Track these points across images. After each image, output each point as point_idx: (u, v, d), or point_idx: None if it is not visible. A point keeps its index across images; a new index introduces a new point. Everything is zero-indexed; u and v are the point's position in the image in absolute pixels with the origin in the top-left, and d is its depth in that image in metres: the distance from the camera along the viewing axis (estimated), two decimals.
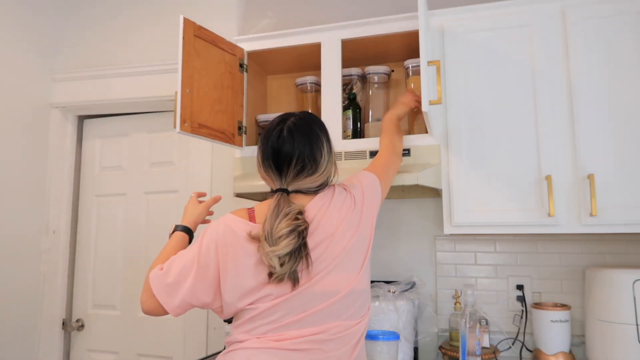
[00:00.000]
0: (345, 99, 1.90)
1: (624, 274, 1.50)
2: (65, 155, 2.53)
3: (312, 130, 1.19)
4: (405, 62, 1.84)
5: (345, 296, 1.12)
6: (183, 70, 1.57)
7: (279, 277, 1.07)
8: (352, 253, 1.15)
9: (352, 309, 1.14)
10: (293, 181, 1.16)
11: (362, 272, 1.16)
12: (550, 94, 1.57)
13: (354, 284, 1.14)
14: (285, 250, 1.06)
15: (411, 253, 1.98)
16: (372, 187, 1.28)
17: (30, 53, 2.40)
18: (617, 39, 1.53)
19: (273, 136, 1.18)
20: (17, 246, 2.28)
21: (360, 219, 1.19)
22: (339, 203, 1.18)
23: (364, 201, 1.23)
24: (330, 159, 1.20)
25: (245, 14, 2.32)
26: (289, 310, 1.09)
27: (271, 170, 1.18)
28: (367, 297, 1.20)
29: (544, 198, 1.53)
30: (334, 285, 1.11)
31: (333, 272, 1.12)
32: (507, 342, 1.81)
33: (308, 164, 1.16)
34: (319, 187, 1.19)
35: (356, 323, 1.15)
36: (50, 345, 2.40)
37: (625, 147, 1.49)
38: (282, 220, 1.08)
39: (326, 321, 1.11)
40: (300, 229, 1.08)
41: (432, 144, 1.65)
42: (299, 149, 1.15)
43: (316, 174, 1.17)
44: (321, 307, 1.10)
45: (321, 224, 1.13)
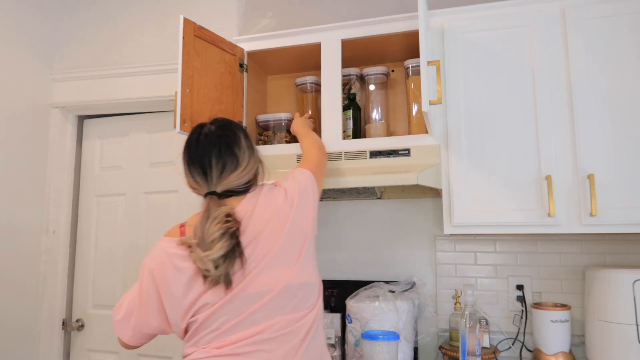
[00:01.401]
0: (344, 99, 1.91)
1: (624, 274, 1.50)
2: (65, 155, 2.53)
3: (228, 128, 1.24)
4: (405, 62, 1.84)
5: (281, 292, 1.13)
6: (183, 70, 1.57)
7: (213, 280, 1.09)
8: (285, 248, 1.15)
9: (292, 303, 1.14)
10: (219, 181, 1.19)
11: (297, 266, 1.16)
12: (550, 94, 1.57)
13: (290, 278, 1.14)
14: (220, 253, 1.08)
15: (411, 253, 1.98)
16: (306, 180, 1.30)
17: (30, 53, 2.40)
18: (617, 39, 1.53)
19: (192, 144, 1.23)
20: (17, 246, 2.28)
21: (291, 212, 1.19)
22: (267, 199, 1.20)
23: (297, 194, 1.23)
24: (252, 155, 1.24)
25: (245, 14, 2.32)
26: (227, 315, 1.11)
27: (197, 175, 1.21)
28: (311, 290, 1.18)
29: (544, 198, 1.53)
30: (267, 283, 1.12)
31: (266, 270, 1.13)
32: (507, 342, 1.81)
33: (228, 159, 1.19)
34: (248, 184, 1.22)
35: (301, 317, 1.15)
36: (50, 345, 2.40)
37: (625, 147, 1.49)
38: (212, 224, 1.10)
39: (266, 319, 1.11)
40: (232, 231, 1.11)
41: (432, 144, 1.65)
42: (216, 149, 1.20)
43: (239, 168, 1.20)
44: (257, 306, 1.11)
45: (251, 223, 1.15)
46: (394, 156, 1.67)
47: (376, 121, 1.90)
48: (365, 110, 1.95)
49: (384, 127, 1.89)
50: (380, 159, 1.68)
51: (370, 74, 1.92)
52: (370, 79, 1.93)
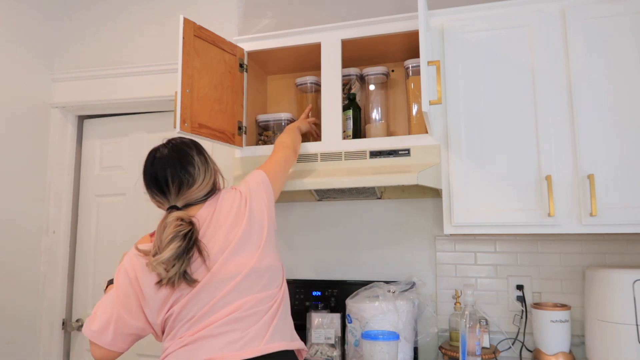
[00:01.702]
0: (344, 99, 1.91)
1: (624, 274, 1.50)
2: (65, 155, 2.53)
3: (180, 149, 1.31)
4: (405, 62, 1.84)
5: (248, 275, 1.20)
6: (183, 70, 1.57)
7: (168, 282, 1.14)
8: (246, 237, 1.24)
9: (261, 283, 1.23)
10: (178, 197, 1.26)
11: (260, 251, 1.25)
12: (550, 94, 1.57)
13: (255, 261, 1.22)
14: (168, 255, 1.13)
15: (411, 253, 1.98)
16: (258, 181, 1.39)
17: (31, 53, 2.40)
18: (617, 39, 1.53)
19: (147, 166, 1.30)
20: (17, 246, 2.28)
21: (246, 207, 1.29)
22: (226, 200, 1.29)
23: (249, 192, 1.34)
24: (206, 169, 1.31)
25: (245, 14, 2.32)
26: (200, 303, 1.17)
27: (156, 194, 1.28)
28: (275, 272, 1.28)
29: (544, 198, 1.53)
30: (234, 268, 1.19)
31: (230, 257, 1.20)
32: (507, 342, 1.81)
33: (184, 178, 1.26)
34: (207, 195, 1.30)
35: (270, 294, 1.24)
36: (50, 345, 2.39)
37: (625, 147, 1.49)
38: (167, 229, 1.16)
39: (237, 299, 1.18)
40: (184, 232, 1.16)
41: (432, 144, 1.65)
42: (170, 169, 1.26)
43: (196, 184, 1.28)
44: (228, 288, 1.18)
45: (212, 222, 1.24)
46: (394, 156, 1.67)
47: (376, 121, 1.90)
48: (365, 110, 1.95)
49: (384, 127, 1.89)
50: (380, 159, 1.68)
51: (370, 74, 1.92)
52: (370, 79, 1.93)
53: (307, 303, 1.97)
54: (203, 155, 1.34)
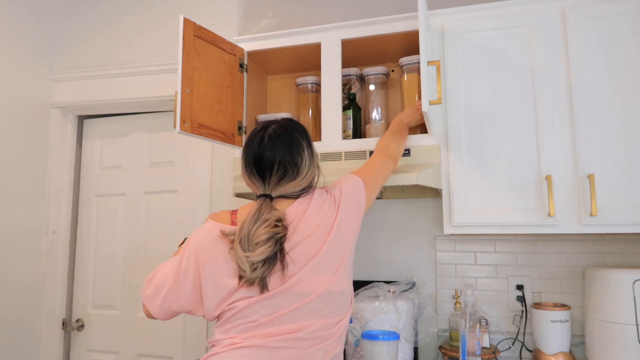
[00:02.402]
0: (344, 99, 1.90)
1: (624, 274, 1.50)
2: (65, 155, 2.53)
3: (293, 136, 1.22)
4: (400, 60, 1.84)
5: (319, 296, 1.13)
6: (183, 70, 1.57)
7: (248, 281, 1.10)
8: (327, 254, 1.15)
9: (329, 309, 1.15)
10: (276, 187, 1.19)
11: (337, 274, 1.16)
12: (550, 94, 1.57)
13: (329, 284, 1.14)
14: (261, 257, 1.08)
15: (411, 253, 1.98)
16: (353, 189, 1.28)
17: (31, 53, 2.40)
18: (617, 39, 1.53)
19: (254, 143, 1.21)
20: (17, 246, 2.28)
21: (335, 220, 1.18)
22: (317, 205, 1.20)
23: (342, 203, 1.22)
24: (312, 164, 1.23)
25: (245, 14, 2.32)
26: (265, 309, 1.12)
27: (254, 176, 1.21)
28: (346, 298, 1.19)
29: (544, 198, 1.53)
30: (308, 286, 1.12)
31: (308, 273, 1.13)
32: (507, 342, 1.81)
33: (290, 169, 1.18)
34: (302, 191, 1.22)
35: (335, 322, 1.16)
36: (50, 345, 2.39)
37: (625, 147, 1.49)
38: (260, 226, 1.10)
39: (303, 319, 1.12)
40: (279, 236, 1.11)
41: (432, 144, 1.65)
42: (279, 155, 1.18)
43: (298, 178, 1.20)
44: (296, 306, 1.12)
45: (299, 227, 1.15)
46: None
47: (376, 121, 1.90)
48: (365, 110, 1.95)
49: (384, 127, 1.89)
50: None
51: (370, 74, 1.92)
52: (370, 79, 1.93)
53: None
54: (311, 146, 1.25)
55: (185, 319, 2.23)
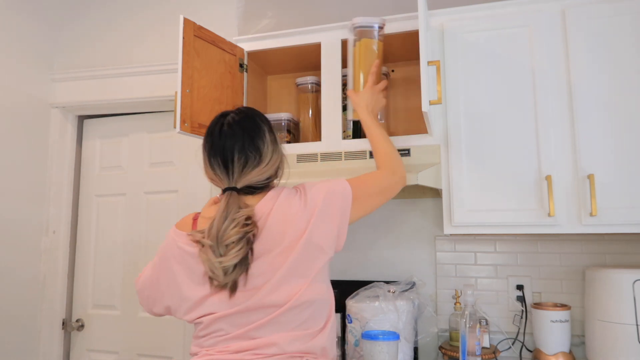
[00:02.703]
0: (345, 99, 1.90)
1: (624, 274, 1.50)
2: (65, 155, 2.53)
3: (253, 120, 1.17)
4: (352, 21, 1.65)
5: (291, 307, 1.07)
6: (183, 70, 1.57)
7: (219, 286, 1.07)
8: (298, 263, 1.08)
9: (300, 320, 1.09)
10: (241, 177, 1.13)
11: (309, 282, 1.09)
12: (551, 94, 1.57)
13: (300, 293, 1.08)
14: (234, 261, 1.03)
15: (411, 253, 1.98)
16: (338, 196, 1.17)
17: (31, 53, 2.40)
18: (617, 39, 1.53)
19: (214, 134, 1.17)
20: (17, 246, 2.28)
21: (309, 225, 1.10)
22: (284, 206, 1.12)
23: (320, 206, 1.13)
24: (275, 149, 1.17)
25: (245, 14, 2.32)
26: (234, 322, 1.08)
27: (218, 168, 1.15)
28: (320, 307, 1.12)
29: (544, 198, 1.53)
30: (278, 296, 1.07)
31: (277, 284, 1.07)
32: (507, 342, 1.81)
33: (251, 154, 1.13)
34: (268, 180, 1.16)
35: (312, 334, 1.10)
36: (50, 345, 2.40)
37: (625, 147, 1.49)
38: (230, 225, 1.05)
39: (272, 333, 1.08)
40: (249, 236, 1.06)
41: (432, 144, 1.65)
42: (240, 141, 1.13)
43: (262, 164, 1.14)
44: (265, 320, 1.07)
45: (265, 229, 1.09)
46: None
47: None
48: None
49: (384, 127, 1.89)
50: None
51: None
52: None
53: None
54: (274, 133, 1.19)
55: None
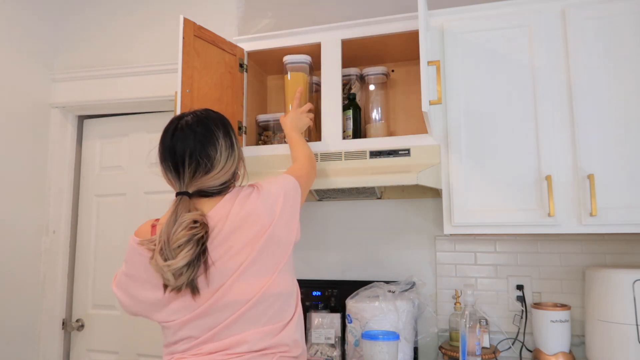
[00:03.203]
0: (344, 99, 1.91)
1: (624, 274, 1.50)
2: (65, 155, 2.53)
3: (206, 126, 1.15)
4: (284, 58, 1.85)
5: (256, 303, 1.08)
6: (183, 70, 1.57)
7: (174, 289, 1.06)
8: (261, 258, 1.09)
9: (268, 315, 1.10)
10: (192, 182, 1.13)
11: (275, 276, 1.11)
12: (550, 94, 1.57)
13: (266, 288, 1.09)
14: (182, 262, 1.03)
15: (411, 253, 1.98)
16: (293, 189, 1.22)
17: (31, 53, 2.40)
18: (617, 39, 1.53)
19: (167, 135, 1.16)
20: (17, 246, 2.28)
21: (272, 221, 1.12)
22: (242, 205, 1.12)
23: (281, 202, 1.16)
24: (230, 155, 1.16)
25: (245, 14, 2.32)
26: (201, 326, 1.08)
27: (169, 171, 1.15)
28: (286, 300, 1.14)
29: (544, 198, 1.53)
30: (242, 293, 1.07)
31: (241, 280, 1.07)
32: (507, 342, 1.81)
33: (202, 161, 1.12)
34: (223, 185, 1.15)
35: (279, 327, 1.11)
36: (50, 345, 2.40)
37: (625, 147, 1.49)
38: (177, 229, 1.05)
39: (242, 331, 1.07)
40: (198, 237, 1.05)
41: (432, 144, 1.65)
42: (189, 147, 1.12)
43: (213, 171, 1.13)
44: (233, 318, 1.07)
45: (224, 230, 1.09)
46: (394, 156, 1.67)
47: (376, 121, 1.90)
48: (365, 110, 1.95)
49: (384, 127, 1.89)
50: (380, 159, 1.68)
51: (370, 74, 1.92)
52: (370, 79, 1.93)
53: (307, 303, 1.97)
54: (230, 137, 1.18)
55: None
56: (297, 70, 1.85)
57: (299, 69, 1.86)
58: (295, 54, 1.87)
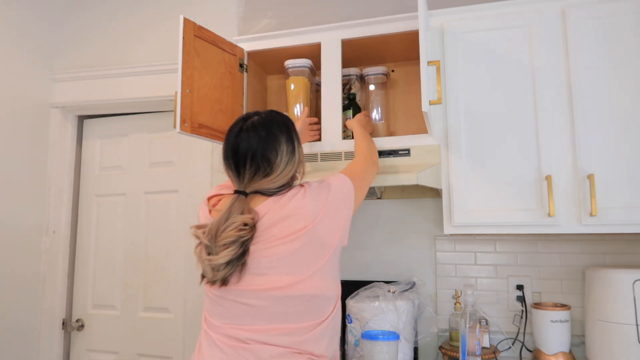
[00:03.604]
0: (345, 99, 1.90)
1: (624, 274, 1.50)
2: (65, 155, 2.53)
3: (270, 130, 1.17)
4: (285, 63, 1.90)
5: (283, 298, 1.09)
6: (183, 70, 1.57)
7: (209, 282, 1.11)
8: (297, 254, 1.10)
9: (296, 312, 1.11)
10: (250, 183, 1.15)
11: (311, 275, 1.11)
12: (550, 94, 1.57)
13: (296, 285, 1.10)
14: (223, 260, 1.07)
15: (411, 253, 1.98)
16: (343, 189, 1.21)
17: (31, 53, 2.40)
18: (617, 39, 1.53)
19: (232, 134, 1.18)
20: (17, 246, 2.28)
21: (315, 220, 1.12)
22: (294, 201, 1.14)
23: (327, 203, 1.15)
24: (290, 160, 1.18)
25: (245, 14, 2.32)
26: (227, 308, 1.12)
27: (230, 170, 1.18)
28: (321, 302, 1.13)
29: (544, 198, 1.53)
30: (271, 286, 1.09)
31: (272, 272, 1.10)
32: (507, 342, 1.81)
33: (262, 165, 1.14)
34: (280, 188, 1.17)
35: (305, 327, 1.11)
36: (50, 345, 2.39)
37: (625, 147, 1.49)
38: (228, 228, 1.08)
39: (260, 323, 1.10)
40: (244, 239, 1.08)
41: (432, 144, 1.65)
42: (252, 149, 1.14)
43: (272, 175, 1.15)
44: (255, 309, 1.10)
45: (266, 227, 1.11)
46: (394, 156, 1.67)
47: (376, 121, 1.90)
48: (365, 110, 1.95)
49: (384, 127, 1.89)
50: (380, 158, 1.68)
51: (370, 74, 1.92)
52: (370, 79, 1.92)
53: None
54: (292, 142, 1.19)
55: (185, 319, 2.23)
56: (299, 75, 1.87)
57: (300, 72, 1.88)
58: (296, 58, 1.89)
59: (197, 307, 2.21)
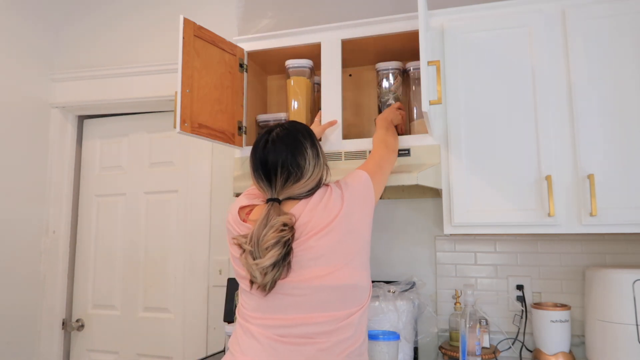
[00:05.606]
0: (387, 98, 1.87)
1: (624, 274, 1.50)
2: (65, 155, 2.53)
3: (295, 138, 1.25)
4: (286, 62, 1.90)
5: (320, 288, 1.16)
6: (183, 70, 1.57)
7: (260, 287, 1.16)
8: (336, 248, 1.18)
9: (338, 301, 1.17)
10: (282, 190, 1.22)
11: (342, 266, 1.18)
12: (550, 94, 1.57)
13: (335, 275, 1.17)
14: (269, 261, 1.12)
15: (411, 253, 1.98)
16: (360, 182, 1.29)
17: (31, 53, 2.40)
18: (617, 39, 1.53)
19: (259, 148, 1.25)
20: (17, 246, 2.28)
21: (339, 214, 1.20)
22: (317, 201, 1.22)
23: (346, 196, 1.23)
24: (317, 163, 1.25)
25: (245, 14, 2.32)
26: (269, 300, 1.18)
27: (261, 181, 1.25)
28: (356, 291, 1.20)
29: (544, 198, 1.53)
30: (314, 279, 1.16)
31: (309, 267, 1.16)
32: (507, 342, 1.81)
33: (293, 171, 1.21)
34: (310, 191, 1.24)
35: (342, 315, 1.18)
36: (50, 345, 2.40)
37: (625, 147, 1.49)
38: (268, 231, 1.14)
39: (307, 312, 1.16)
40: (285, 239, 1.14)
41: (432, 144, 1.65)
42: (281, 158, 1.21)
43: (303, 179, 1.22)
44: (296, 299, 1.16)
45: (302, 224, 1.18)
46: None
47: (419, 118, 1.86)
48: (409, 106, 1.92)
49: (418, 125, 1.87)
50: None
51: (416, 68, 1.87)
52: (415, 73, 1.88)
53: None
54: (316, 147, 1.27)
55: (185, 319, 2.23)
56: (299, 74, 1.88)
57: (301, 73, 1.88)
58: (297, 58, 1.90)
59: (197, 307, 2.21)
